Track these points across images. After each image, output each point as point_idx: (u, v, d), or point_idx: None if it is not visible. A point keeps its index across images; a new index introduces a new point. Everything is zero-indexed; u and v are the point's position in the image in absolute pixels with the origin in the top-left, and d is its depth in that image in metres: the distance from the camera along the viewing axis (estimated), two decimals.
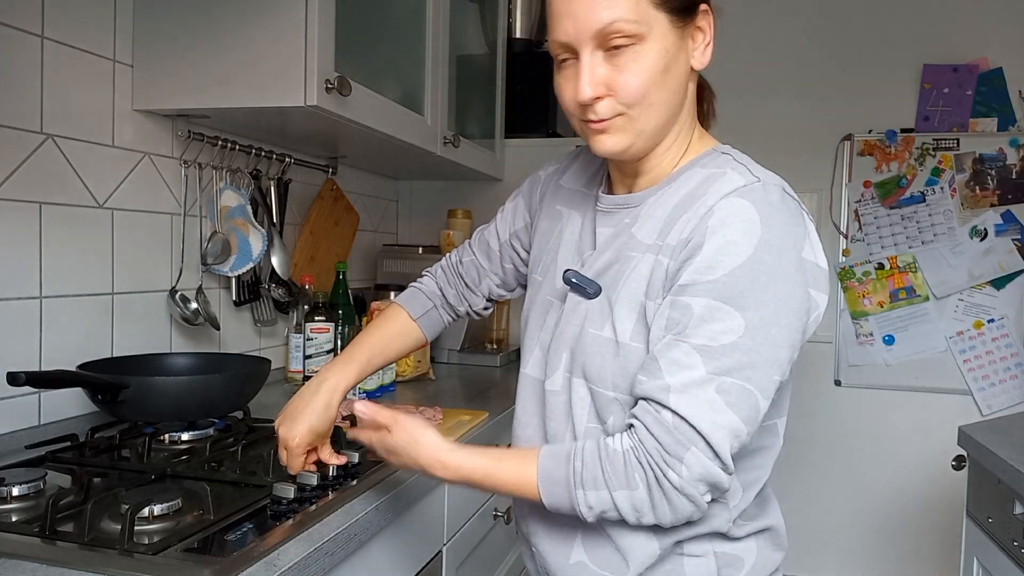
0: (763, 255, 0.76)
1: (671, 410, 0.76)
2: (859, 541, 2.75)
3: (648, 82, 0.82)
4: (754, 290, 0.76)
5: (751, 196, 0.80)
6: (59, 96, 1.33)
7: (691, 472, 0.75)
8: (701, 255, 0.78)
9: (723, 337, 0.76)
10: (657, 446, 0.76)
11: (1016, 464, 1.39)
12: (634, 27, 0.80)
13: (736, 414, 0.75)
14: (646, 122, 0.84)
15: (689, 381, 0.75)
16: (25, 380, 1.08)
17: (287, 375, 1.93)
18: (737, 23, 2.76)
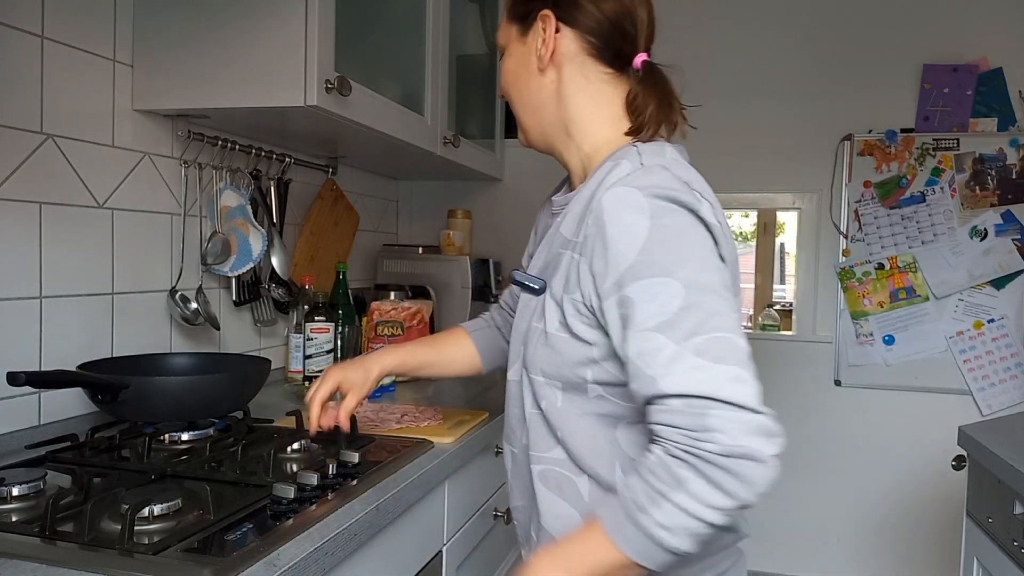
0: (661, 221, 0.78)
1: (670, 395, 0.74)
2: (859, 541, 2.75)
3: (505, 83, 1.00)
4: (671, 253, 0.78)
5: (629, 181, 0.81)
6: (59, 96, 1.33)
7: (725, 434, 0.71)
8: (610, 250, 0.80)
9: (671, 304, 0.76)
10: (679, 431, 0.73)
11: (1016, 464, 1.39)
12: (502, 39, 1.00)
13: (725, 363, 0.74)
14: (524, 117, 1.00)
15: (668, 361, 0.75)
16: (25, 380, 1.08)
17: (287, 375, 1.93)
18: (737, 23, 2.76)
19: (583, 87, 0.94)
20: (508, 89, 1.00)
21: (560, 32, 0.93)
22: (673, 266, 0.77)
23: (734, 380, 0.74)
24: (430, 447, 1.36)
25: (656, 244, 0.78)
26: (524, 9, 0.95)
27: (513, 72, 0.98)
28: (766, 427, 0.73)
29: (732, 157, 2.75)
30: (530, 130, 1.01)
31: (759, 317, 3.20)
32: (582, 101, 0.94)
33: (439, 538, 1.38)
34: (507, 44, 0.99)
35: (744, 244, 7.75)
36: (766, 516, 2.81)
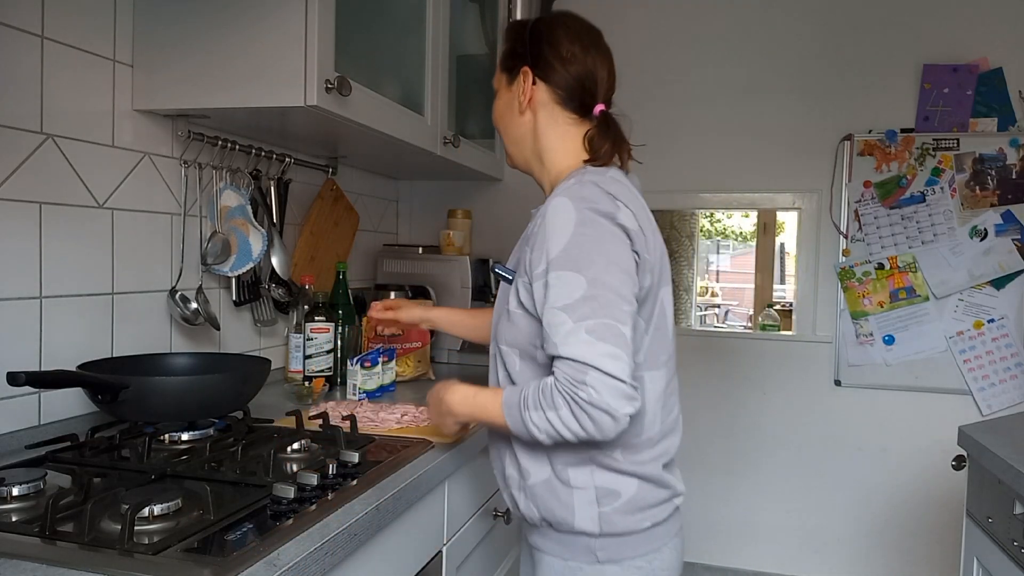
0: (582, 229, 1.04)
1: (564, 357, 1.00)
2: (859, 541, 2.75)
3: (495, 119, 1.27)
4: (583, 255, 1.03)
5: (566, 193, 1.07)
6: (59, 96, 1.33)
7: (596, 391, 0.98)
8: (544, 244, 1.05)
9: (575, 293, 1.01)
10: (567, 377, 1.00)
11: (1016, 464, 1.39)
12: (495, 84, 1.26)
13: (607, 343, 0.99)
14: (506, 144, 1.27)
15: (566, 333, 1.01)
16: (25, 380, 1.08)
17: (287, 375, 1.93)
18: (737, 23, 2.76)
19: (552, 127, 1.20)
20: (498, 123, 1.27)
21: (536, 85, 1.19)
22: (583, 265, 1.02)
23: (610, 356, 0.99)
24: (430, 447, 1.36)
25: (574, 246, 1.03)
26: (511, 63, 1.22)
27: (501, 111, 1.25)
28: (626, 393, 0.99)
29: (732, 157, 2.75)
30: (514, 156, 1.28)
31: (759, 317, 3.20)
32: (552, 138, 1.20)
33: (439, 538, 1.38)
34: (498, 88, 1.26)
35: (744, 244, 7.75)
36: (766, 516, 2.81)
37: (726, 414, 2.82)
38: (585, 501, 1.10)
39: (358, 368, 1.75)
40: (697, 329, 3.61)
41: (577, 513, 1.11)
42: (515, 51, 1.21)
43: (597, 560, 1.11)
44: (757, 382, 2.79)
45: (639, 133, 1.26)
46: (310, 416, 1.42)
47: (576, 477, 1.11)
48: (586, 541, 1.11)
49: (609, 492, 1.11)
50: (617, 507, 1.11)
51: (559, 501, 1.12)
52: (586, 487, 1.11)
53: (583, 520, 1.10)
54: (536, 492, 1.14)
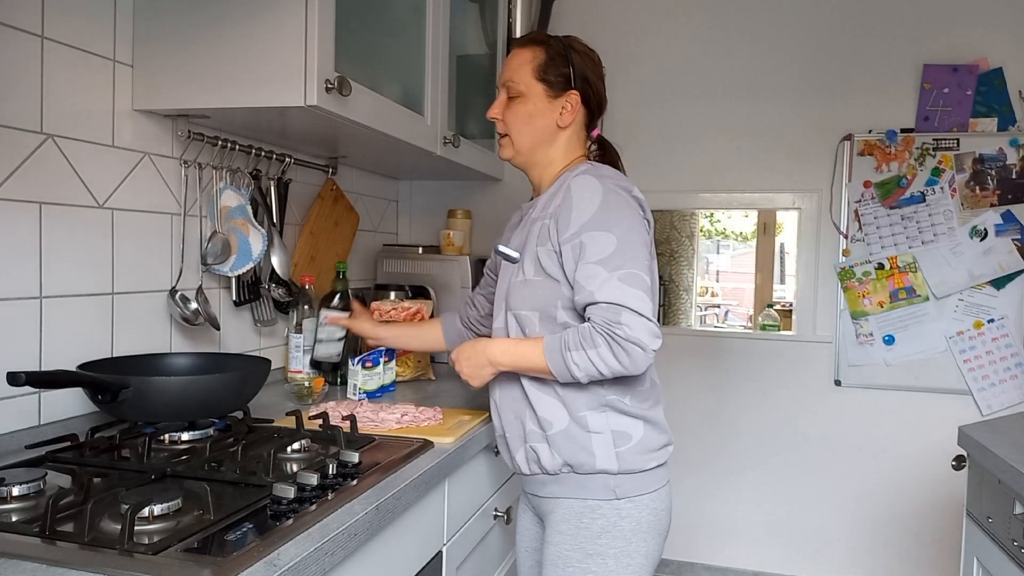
0: (609, 197, 1.25)
1: (600, 302, 1.19)
2: (859, 541, 2.75)
3: (517, 119, 1.38)
4: (612, 217, 1.23)
5: (589, 172, 1.29)
6: (59, 96, 1.34)
7: (631, 327, 1.16)
8: (573, 212, 1.25)
9: (608, 249, 1.21)
10: (603, 318, 1.18)
11: (1016, 464, 1.39)
12: (519, 87, 1.38)
13: (636, 288, 1.19)
14: (519, 143, 1.39)
15: (602, 282, 1.19)
16: (25, 380, 1.08)
17: (287, 375, 1.93)
18: (737, 23, 2.76)
19: (571, 139, 1.40)
20: (518, 124, 1.38)
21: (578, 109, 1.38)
22: (612, 225, 1.23)
23: (639, 299, 1.19)
24: (430, 447, 1.36)
25: (603, 211, 1.24)
26: (556, 80, 1.36)
27: (529, 115, 1.37)
28: (653, 330, 1.19)
29: (732, 157, 2.75)
30: (524, 154, 1.40)
31: (759, 317, 3.20)
32: (566, 147, 1.40)
33: (439, 538, 1.38)
34: (527, 92, 1.37)
35: (744, 244, 7.75)
36: (766, 516, 2.81)
37: (726, 414, 2.82)
38: (603, 443, 1.27)
39: (358, 368, 1.75)
40: (697, 329, 3.61)
41: (597, 454, 1.27)
42: (561, 71, 1.36)
43: (615, 496, 1.27)
44: (757, 382, 2.79)
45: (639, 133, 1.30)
46: (310, 416, 1.42)
47: (594, 422, 1.27)
48: (604, 479, 1.27)
49: (622, 434, 1.28)
50: (630, 447, 1.28)
51: (579, 445, 1.27)
52: (603, 431, 1.27)
53: (603, 459, 1.27)
54: (558, 440, 1.28)
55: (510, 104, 1.39)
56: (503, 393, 1.37)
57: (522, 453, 1.34)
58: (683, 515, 2.85)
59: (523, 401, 1.32)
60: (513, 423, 1.35)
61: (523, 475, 1.38)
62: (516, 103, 1.38)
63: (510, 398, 1.35)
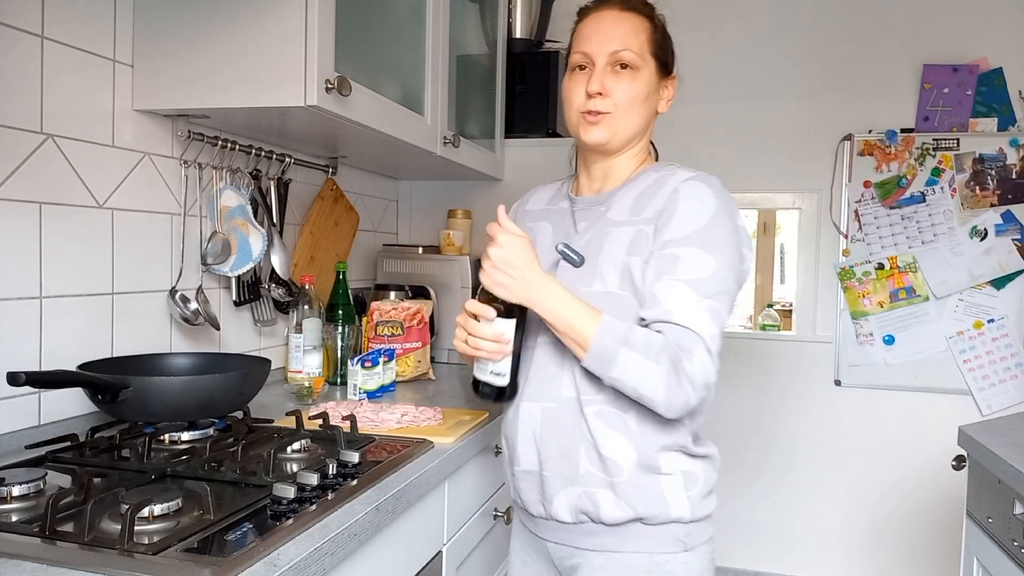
0: (720, 217, 1.10)
1: (677, 324, 1.03)
2: (859, 541, 2.75)
3: (634, 96, 1.17)
4: (717, 241, 1.08)
5: (704, 180, 1.14)
6: (59, 96, 1.33)
7: (700, 364, 1.01)
8: (676, 219, 1.09)
9: (703, 272, 1.06)
10: (677, 342, 1.02)
11: (1016, 464, 1.39)
12: (635, 59, 1.16)
13: (715, 326, 1.05)
14: (623, 126, 1.18)
15: (685, 303, 1.04)
16: (25, 380, 1.08)
17: (287, 375, 1.93)
18: (737, 23, 2.76)
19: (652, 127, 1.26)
20: (628, 102, 1.17)
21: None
22: (716, 249, 1.08)
23: (715, 339, 1.05)
24: (430, 447, 1.36)
25: (712, 229, 1.08)
26: (666, 61, 1.22)
27: (645, 94, 1.19)
28: (712, 378, 1.04)
29: (732, 157, 2.75)
30: (622, 139, 1.19)
31: (759, 317, 3.20)
32: (647, 137, 1.25)
33: (439, 538, 1.38)
34: (644, 68, 1.18)
35: None
36: (767, 516, 2.81)
37: (726, 414, 2.82)
38: (675, 486, 1.11)
39: (358, 368, 1.75)
40: None
41: (671, 501, 1.10)
42: (670, 52, 1.23)
43: (684, 547, 1.11)
44: (757, 382, 2.79)
45: None
46: (310, 416, 1.42)
47: (666, 463, 1.11)
48: (675, 529, 1.11)
49: (691, 475, 1.13)
50: (698, 490, 1.13)
51: (652, 492, 1.10)
52: (673, 472, 1.11)
53: (678, 507, 1.10)
54: (627, 488, 1.09)
55: (618, 78, 1.16)
56: (548, 420, 1.13)
57: (566, 499, 1.12)
58: None
59: (581, 436, 1.11)
60: (558, 460, 1.12)
61: (557, 522, 1.15)
62: (628, 78, 1.16)
63: (557, 428, 1.12)
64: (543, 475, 1.15)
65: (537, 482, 1.16)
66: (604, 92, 1.15)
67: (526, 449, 1.16)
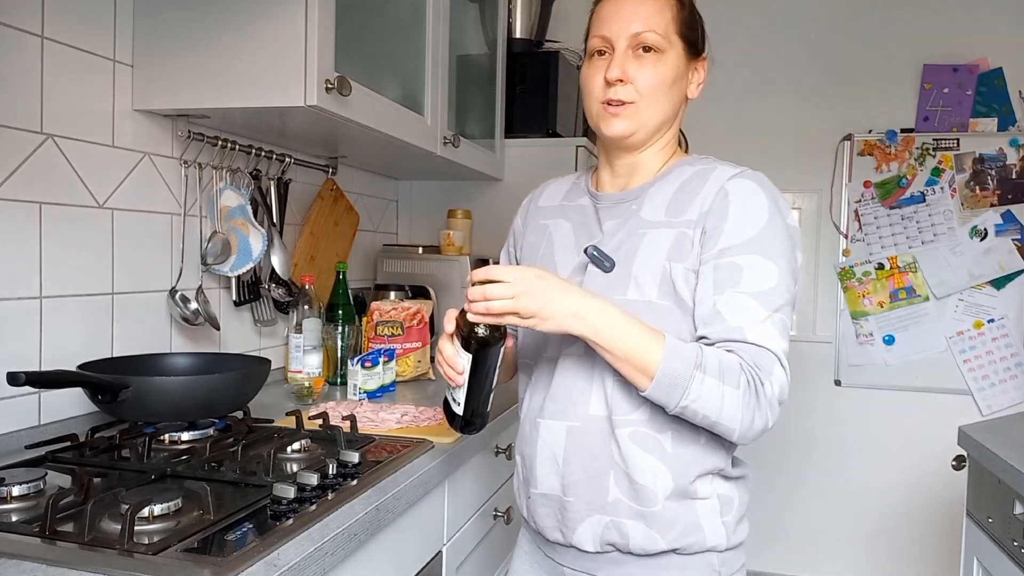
0: (775, 219, 0.99)
1: (751, 343, 0.93)
2: (859, 541, 2.75)
3: (659, 82, 1.05)
4: (776, 245, 0.98)
5: (753, 178, 1.03)
6: (59, 96, 1.33)
7: (780, 385, 0.94)
8: (729, 223, 0.98)
9: (768, 282, 0.96)
10: (755, 363, 0.93)
11: (1016, 464, 1.39)
12: (660, 41, 1.04)
13: (786, 341, 0.96)
14: (649, 116, 1.06)
15: (756, 319, 0.94)
16: (25, 380, 1.08)
17: (287, 375, 1.93)
18: (737, 23, 2.76)
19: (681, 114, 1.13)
20: (658, 88, 1.05)
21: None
22: (776, 255, 0.97)
23: (786, 354, 0.96)
24: (430, 447, 1.36)
25: (770, 234, 0.98)
26: (697, 41, 1.11)
27: (671, 79, 1.07)
28: (785, 397, 0.96)
29: (732, 157, 2.73)
30: (648, 131, 1.07)
31: None
32: (676, 124, 1.13)
33: (439, 538, 1.38)
34: (670, 51, 1.06)
35: None
36: (766, 516, 2.81)
37: None
38: (710, 511, 1.01)
39: (358, 368, 1.75)
40: None
41: (707, 528, 1.01)
42: (698, 31, 1.11)
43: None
44: None
45: None
46: (310, 416, 1.42)
47: (702, 487, 1.01)
48: (710, 559, 1.02)
49: (727, 500, 1.03)
50: (733, 515, 1.04)
51: (688, 520, 1.00)
52: (710, 496, 1.02)
53: (713, 534, 1.01)
54: (662, 518, 0.99)
55: (641, 62, 1.04)
56: (574, 440, 1.03)
57: (591, 527, 1.02)
58: None
59: (610, 459, 1.01)
60: (585, 485, 1.02)
61: (578, 550, 1.05)
62: (652, 62, 1.04)
63: (584, 450, 1.02)
64: (565, 500, 1.04)
65: (557, 508, 1.05)
66: (626, 79, 1.03)
67: (546, 472, 1.05)
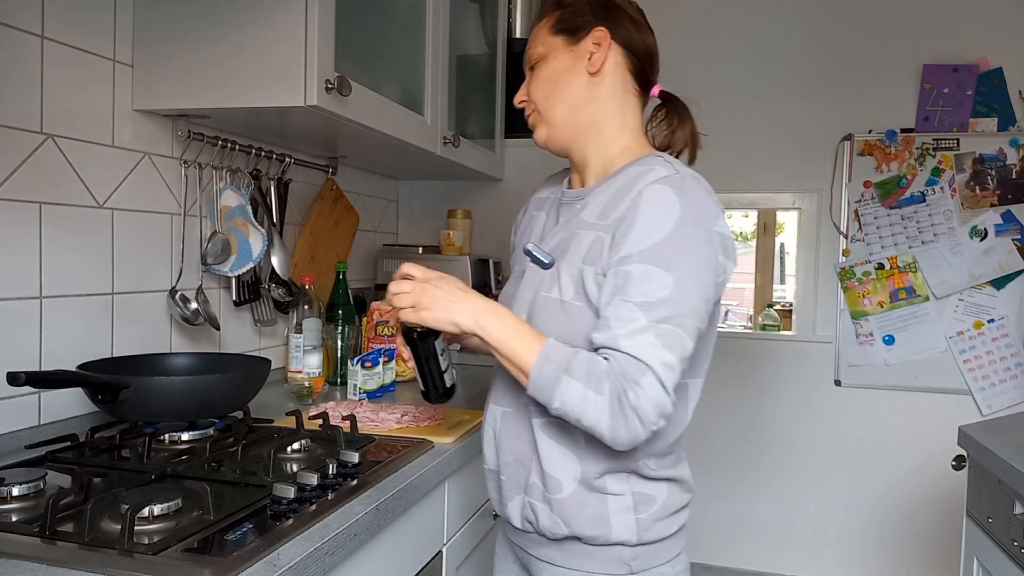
0: (682, 228, 0.97)
1: (623, 352, 0.94)
2: (859, 541, 2.75)
3: (542, 83, 1.12)
4: (678, 255, 0.96)
5: (671, 184, 1.00)
6: (59, 96, 1.33)
7: (646, 396, 0.92)
8: (634, 231, 0.98)
9: (658, 293, 0.95)
10: (622, 371, 0.93)
11: (1016, 464, 1.39)
12: (539, 52, 1.13)
13: (671, 353, 0.94)
14: (551, 117, 1.12)
15: (634, 330, 0.94)
16: (25, 380, 1.08)
17: (287, 375, 1.93)
18: (737, 23, 2.76)
19: (618, 95, 1.11)
20: (544, 90, 1.12)
21: (611, 48, 1.10)
22: (674, 266, 0.96)
23: (668, 367, 0.94)
24: (430, 447, 1.36)
25: (671, 244, 0.96)
26: (575, 23, 1.11)
27: (555, 74, 1.11)
28: (666, 409, 0.94)
29: (732, 157, 2.75)
30: (559, 126, 1.12)
31: (759, 317, 3.20)
32: (615, 107, 1.12)
33: (439, 538, 1.38)
34: (548, 52, 1.12)
35: (744, 244, 7.76)
36: (766, 516, 2.81)
37: (726, 414, 2.82)
38: (621, 508, 1.05)
39: (358, 368, 1.75)
40: None
41: (614, 523, 1.05)
42: (579, 11, 1.11)
43: (631, 570, 1.07)
44: (757, 382, 2.79)
45: None
46: (310, 416, 1.42)
47: (614, 483, 1.05)
48: (620, 552, 1.06)
49: (646, 498, 1.06)
50: (652, 513, 1.06)
51: (592, 513, 1.04)
52: (623, 493, 1.05)
53: (621, 529, 1.05)
54: (565, 506, 1.05)
55: (531, 78, 1.14)
56: (506, 424, 1.11)
57: (517, 504, 1.11)
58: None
59: (529, 446, 1.08)
60: (512, 465, 1.11)
61: (511, 525, 1.14)
62: (535, 73, 1.13)
63: (513, 434, 1.10)
64: (500, 478, 1.13)
65: (496, 483, 1.15)
66: (523, 99, 1.16)
67: (489, 449, 1.15)
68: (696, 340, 0.98)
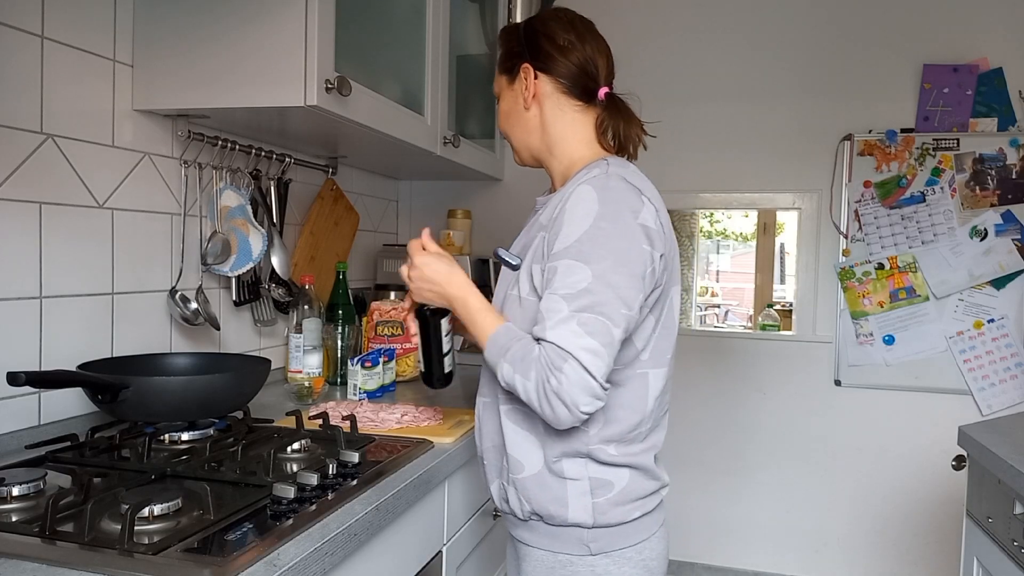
0: (600, 223, 1.05)
1: (548, 341, 1.01)
2: (859, 541, 2.75)
3: (503, 119, 1.28)
4: (595, 249, 1.04)
5: (593, 184, 1.09)
6: (59, 96, 1.33)
7: (568, 380, 0.98)
8: (562, 230, 1.07)
9: (578, 284, 1.03)
10: (547, 359, 1.01)
11: (1016, 464, 1.39)
12: (496, 90, 1.29)
13: (594, 339, 1.00)
14: (516, 145, 1.28)
15: (558, 320, 1.02)
16: (25, 380, 1.08)
17: (287, 375, 1.93)
18: (737, 23, 2.76)
19: (560, 117, 1.21)
20: (504, 125, 1.28)
21: (539, 78, 1.20)
22: (592, 259, 1.03)
23: (591, 351, 1.00)
24: (430, 447, 1.36)
25: (588, 239, 1.05)
26: (510, 64, 1.24)
27: (506, 111, 1.26)
28: (594, 391, 1.00)
29: (732, 157, 2.75)
30: (522, 152, 1.28)
31: (759, 317, 3.20)
32: (560, 127, 1.22)
33: (439, 538, 1.38)
34: (500, 91, 1.27)
35: (744, 244, 7.74)
36: (766, 516, 2.81)
37: (726, 414, 2.82)
38: (579, 492, 1.11)
39: (358, 368, 1.75)
40: (697, 329, 3.61)
41: (571, 505, 1.11)
42: (512, 51, 1.24)
43: (589, 552, 1.13)
44: (757, 382, 2.79)
45: None
46: (310, 416, 1.42)
47: (570, 468, 1.12)
48: (578, 533, 1.13)
49: (603, 483, 1.12)
50: (610, 497, 1.12)
51: (551, 494, 1.12)
52: (580, 478, 1.12)
53: (577, 512, 1.11)
54: (527, 486, 1.14)
55: (498, 110, 1.31)
56: (485, 412, 1.22)
57: (496, 488, 1.21)
58: (682, 515, 2.85)
59: (499, 433, 1.18)
60: (491, 451, 1.21)
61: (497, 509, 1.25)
62: (499, 105, 1.29)
63: (490, 422, 1.20)
64: (484, 462, 1.23)
65: (483, 466, 1.25)
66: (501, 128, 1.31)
67: (478, 437, 1.25)
68: (627, 326, 1.04)
